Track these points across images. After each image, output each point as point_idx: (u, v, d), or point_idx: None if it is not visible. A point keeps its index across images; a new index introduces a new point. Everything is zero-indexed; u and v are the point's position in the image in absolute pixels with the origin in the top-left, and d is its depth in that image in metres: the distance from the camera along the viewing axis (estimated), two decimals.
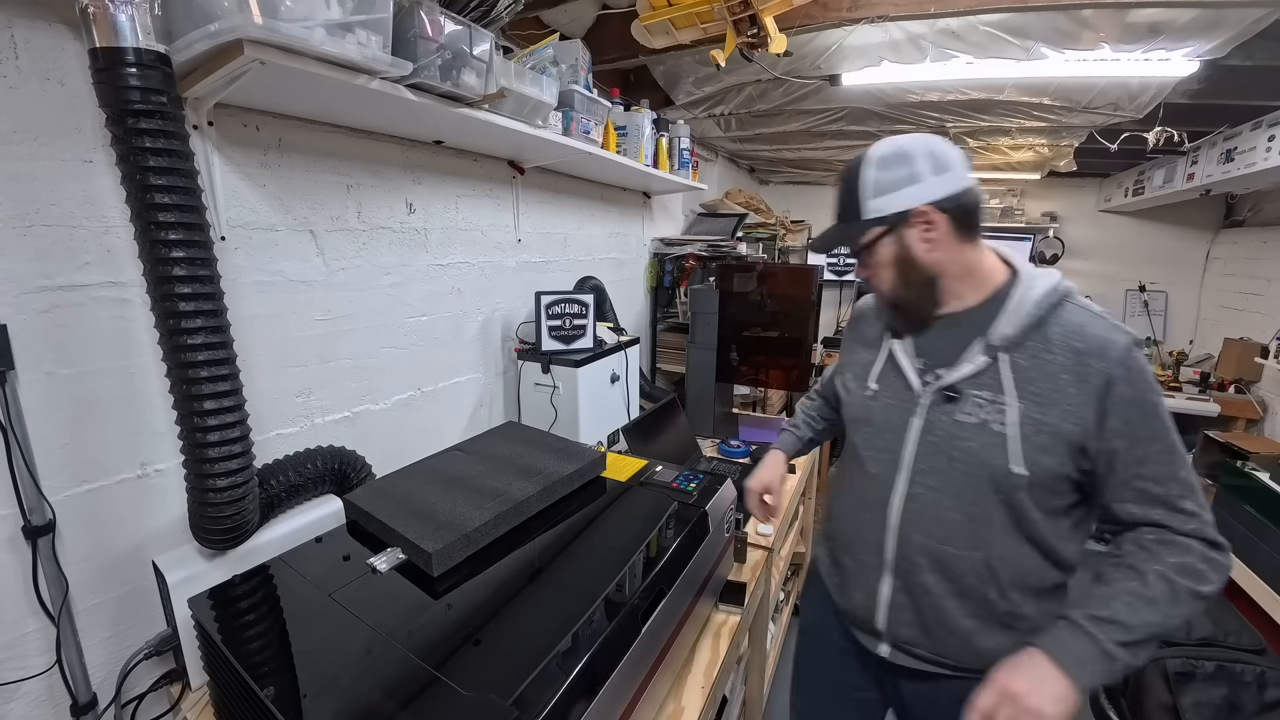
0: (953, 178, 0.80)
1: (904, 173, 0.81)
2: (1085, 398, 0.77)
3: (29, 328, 0.83)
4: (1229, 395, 3.02)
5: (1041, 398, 0.79)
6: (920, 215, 0.81)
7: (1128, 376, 0.76)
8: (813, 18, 1.62)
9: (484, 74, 1.12)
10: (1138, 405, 0.76)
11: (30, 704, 0.89)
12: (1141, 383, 0.76)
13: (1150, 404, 0.77)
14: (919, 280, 0.85)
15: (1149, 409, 0.76)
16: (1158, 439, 0.76)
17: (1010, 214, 4.09)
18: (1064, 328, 0.80)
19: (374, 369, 1.38)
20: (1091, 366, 0.77)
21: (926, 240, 0.82)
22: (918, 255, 0.83)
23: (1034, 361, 0.80)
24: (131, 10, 0.71)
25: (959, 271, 0.84)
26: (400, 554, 0.88)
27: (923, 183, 0.80)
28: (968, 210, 0.82)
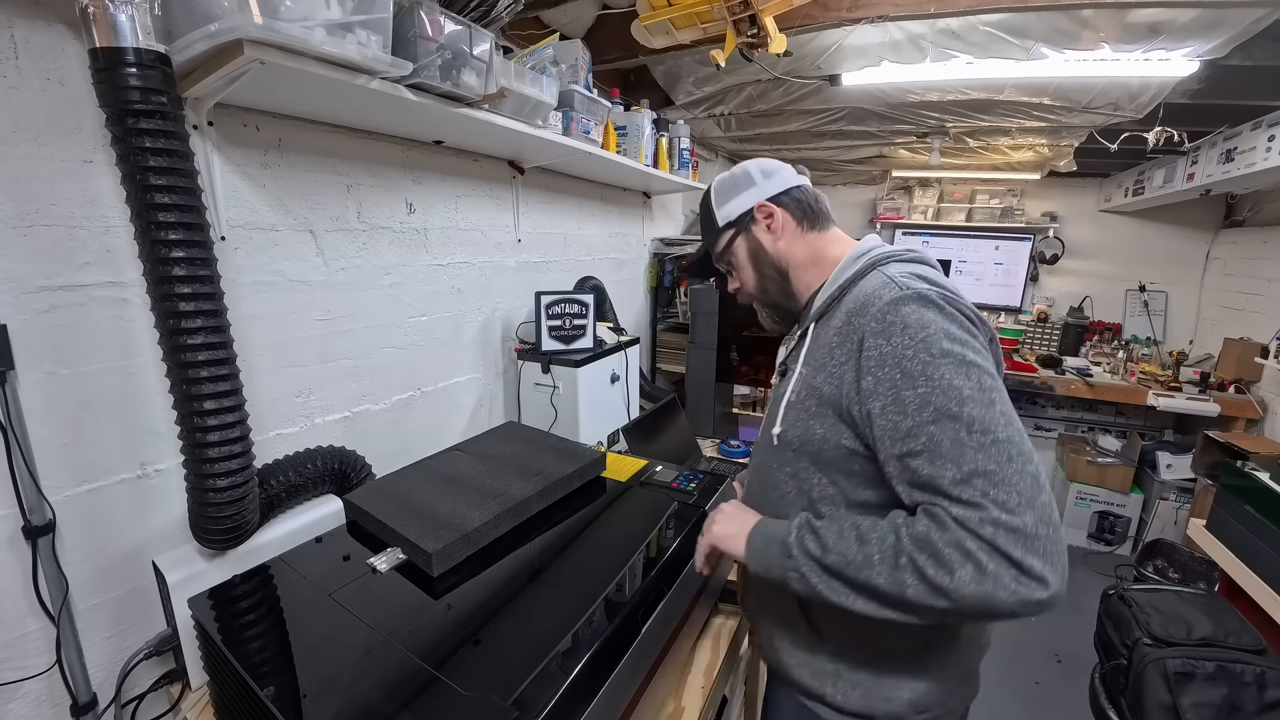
0: (780, 179, 0.90)
1: (741, 184, 0.92)
2: (845, 357, 0.73)
3: (29, 328, 0.83)
4: (1229, 395, 3.02)
5: (816, 362, 0.78)
6: (761, 209, 0.89)
7: (883, 330, 0.68)
8: (813, 18, 1.62)
9: (484, 74, 1.12)
10: (895, 363, 0.67)
11: (30, 704, 0.89)
12: (902, 338, 0.67)
13: (917, 362, 0.65)
14: (772, 272, 0.90)
15: (914, 369, 0.65)
16: (930, 406, 0.63)
17: (1010, 214, 4.09)
18: (854, 294, 0.77)
19: (374, 369, 1.38)
20: (853, 324, 0.72)
21: (771, 231, 0.89)
22: (767, 246, 0.90)
23: (824, 329, 0.80)
24: (131, 10, 0.71)
25: (806, 259, 0.88)
26: (400, 554, 0.88)
27: (756, 186, 0.91)
28: (801, 201, 0.89)
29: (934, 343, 0.66)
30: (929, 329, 0.67)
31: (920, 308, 0.68)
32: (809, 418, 0.77)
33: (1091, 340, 3.90)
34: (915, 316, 0.68)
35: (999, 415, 0.63)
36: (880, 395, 0.68)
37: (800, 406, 0.79)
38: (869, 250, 0.84)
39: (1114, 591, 1.87)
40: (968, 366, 0.65)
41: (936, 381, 0.64)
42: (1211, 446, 2.75)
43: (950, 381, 0.64)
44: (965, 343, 0.67)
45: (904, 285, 0.71)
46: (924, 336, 0.66)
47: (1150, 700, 1.56)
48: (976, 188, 4.22)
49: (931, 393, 0.64)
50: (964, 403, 0.63)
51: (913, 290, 0.70)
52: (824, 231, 0.90)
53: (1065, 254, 4.09)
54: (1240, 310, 3.33)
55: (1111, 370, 3.48)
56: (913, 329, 0.67)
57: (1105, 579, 2.90)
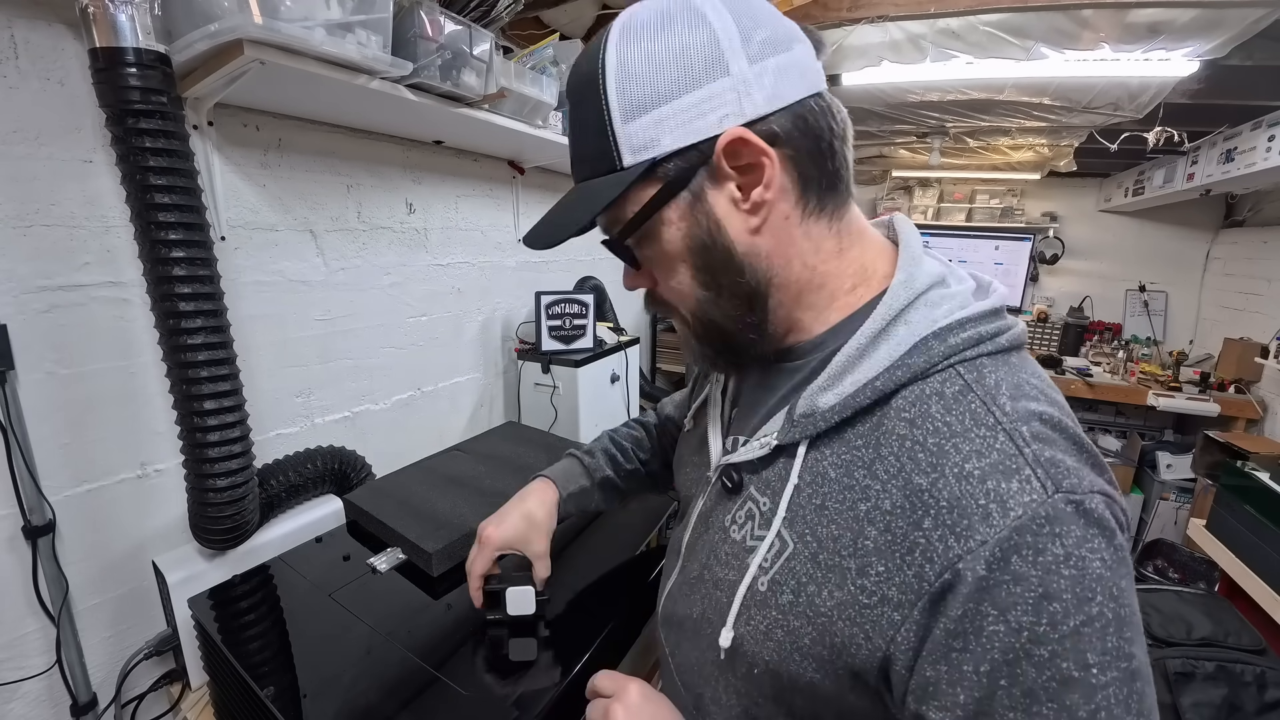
0: (793, 61, 0.41)
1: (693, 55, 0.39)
2: (899, 590, 0.37)
3: (29, 328, 0.83)
4: (1229, 395, 3.02)
5: (822, 548, 0.41)
6: (733, 152, 0.41)
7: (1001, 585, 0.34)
8: (812, 18, 1.62)
9: (484, 74, 1.12)
10: (1008, 662, 0.34)
11: (30, 704, 0.89)
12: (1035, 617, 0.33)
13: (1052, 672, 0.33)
14: (734, 290, 0.45)
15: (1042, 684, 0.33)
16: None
17: (1010, 214, 4.09)
18: (922, 431, 0.39)
19: (374, 369, 1.38)
20: (929, 536, 0.36)
21: (752, 206, 0.42)
22: (732, 236, 0.43)
23: (843, 475, 0.42)
24: (131, 10, 0.71)
25: (804, 279, 0.46)
26: (400, 554, 0.88)
27: (732, 74, 0.39)
28: (821, 142, 0.42)
29: (1095, 639, 0.33)
30: (1092, 603, 0.33)
31: (1084, 546, 0.34)
32: (794, 648, 0.42)
33: (1091, 340, 3.90)
34: (1072, 574, 0.33)
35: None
36: (956, 705, 0.35)
37: (779, 617, 0.43)
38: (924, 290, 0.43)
39: None
40: (1133, 681, 0.33)
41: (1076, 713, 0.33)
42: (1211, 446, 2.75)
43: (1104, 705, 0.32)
44: (1135, 617, 0.35)
45: (1049, 470, 0.35)
46: (1079, 625, 0.33)
47: None
48: (976, 188, 4.22)
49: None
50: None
51: (1072, 494, 0.35)
52: (839, 218, 0.46)
53: (1065, 254, 4.09)
54: (1240, 310, 3.33)
55: (1111, 370, 3.47)
56: (1063, 603, 0.33)
57: None
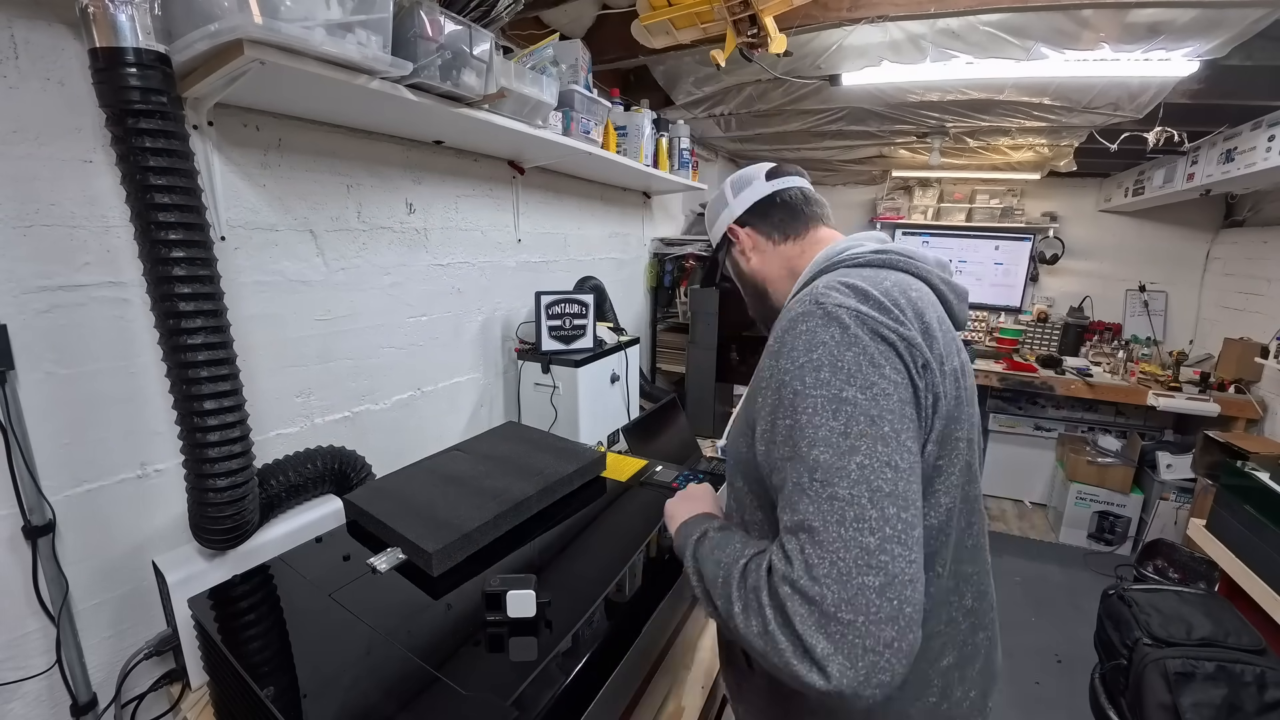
0: (750, 192, 0.86)
1: (718, 205, 0.90)
2: (757, 377, 0.67)
3: (29, 328, 0.83)
4: (1229, 395, 3.02)
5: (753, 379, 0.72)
6: (731, 233, 0.88)
7: (776, 348, 0.61)
8: (813, 18, 1.62)
9: (484, 74, 1.12)
10: (776, 387, 0.60)
11: (30, 704, 0.89)
12: (788, 359, 0.59)
13: (789, 390, 0.58)
14: (753, 290, 0.89)
15: (787, 397, 0.58)
16: (790, 441, 0.57)
17: (1010, 214, 4.09)
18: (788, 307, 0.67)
19: (374, 369, 1.38)
20: (770, 340, 0.66)
21: (742, 254, 0.87)
22: (743, 267, 0.89)
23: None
24: (131, 10, 0.71)
25: (781, 273, 0.84)
26: (400, 554, 0.88)
27: (729, 207, 0.88)
28: (772, 212, 0.85)
29: (812, 369, 0.57)
30: (814, 353, 0.58)
31: (818, 325, 0.59)
32: (738, 434, 0.72)
33: (1091, 340, 3.90)
34: (806, 337, 0.59)
35: (853, 468, 0.53)
36: (763, 419, 0.62)
37: (737, 421, 0.75)
38: (835, 254, 0.74)
39: (1114, 591, 1.87)
40: (839, 404, 0.55)
41: (799, 415, 0.57)
42: (1211, 446, 2.75)
43: (811, 418, 0.56)
44: (853, 375, 0.56)
45: (818, 298, 0.61)
46: (805, 361, 0.58)
47: (1150, 700, 1.56)
48: (976, 188, 4.22)
49: (794, 426, 0.57)
50: (815, 444, 0.55)
51: (820, 304, 0.60)
52: (802, 238, 0.83)
53: (1065, 254, 4.09)
54: (1240, 310, 3.33)
55: (1111, 370, 3.48)
56: (798, 351, 0.59)
57: (1105, 579, 2.90)
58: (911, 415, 0.58)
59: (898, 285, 0.65)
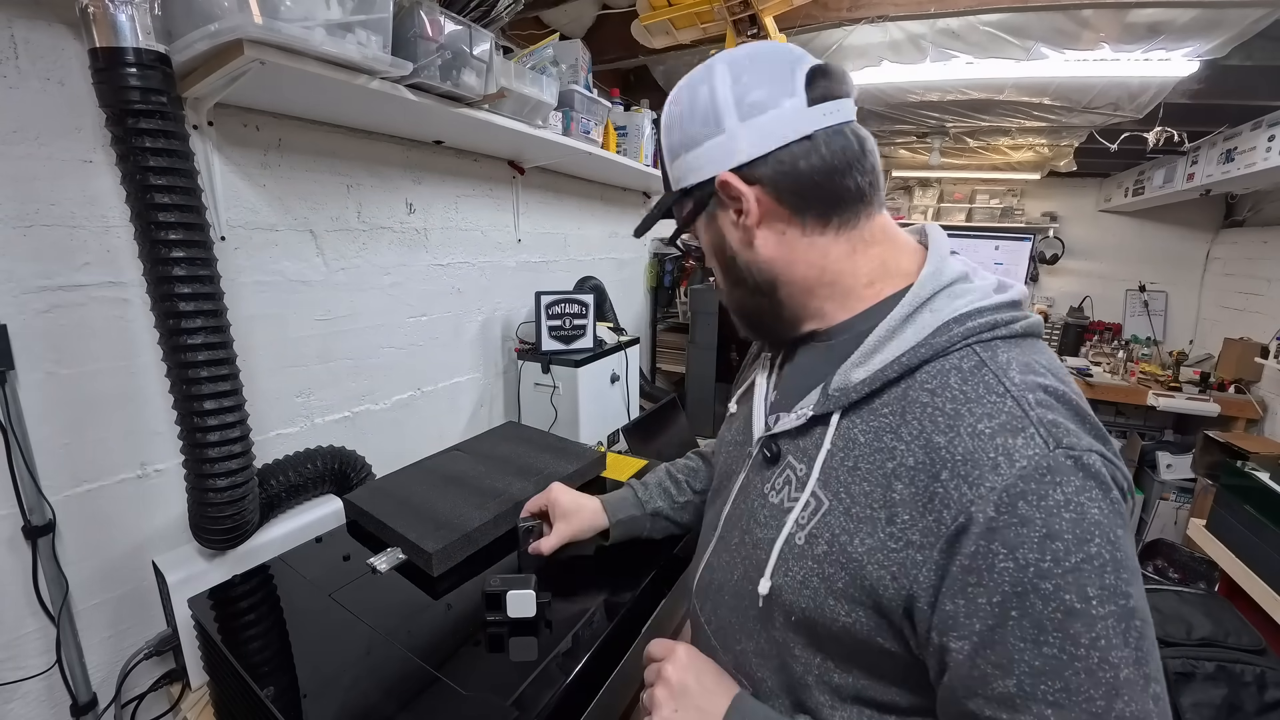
0: (775, 119, 0.49)
1: (703, 116, 0.52)
2: (917, 529, 0.44)
3: (29, 328, 0.83)
4: (1229, 395, 3.02)
5: (854, 503, 0.48)
6: (723, 188, 0.52)
7: (1012, 525, 0.39)
8: (813, 18, 1.62)
9: (484, 74, 1.12)
10: (1017, 594, 0.39)
11: (30, 704, 0.89)
12: (1041, 553, 0.39)
13: (1057, 605, 0.39)
14: (753, 284, 0.57)
15: (1048, 615, 0.39)
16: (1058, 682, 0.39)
17: (1010, 214, 4.09)
18: (941, 399, 0.45)
19: (374, 369, 1.38)
20: (946, 487, 0.42)
21: (738, 225, 0.54)
22: (734, 246, 0.56)
23: (872, 439, 0.48)
24: (131, 10, 0.71)
25: (813, 279, 0.54)
26: (400, 554, 0.88)
27: (724, 134, 0.51)
28: (808, 175, 0.50)
29: (1094, 575, 0.38)
30: (1091, 545, 0.39)
31: (1084, 495, 0.39)
32: (830, 594, 0.48)
33: (1091, 340, 3.90)
34: (1072, 516, 0.39)
35: (1151, 705, 0.38)
36: (972, 634, 0.41)
37: (814, 565, 0.49)
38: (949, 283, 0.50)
39: None
40: (1131, 618, 0.38)
41: (1083, 649, 0.38)
42: (1211, 446, 2.75)
43: (1104, 657, 0.38)
44: (1131, 563, 0.40)
45: (1051, 431, 0.41)
46: (1079, 562, 0.38)
47: None
48: (976, 188, 4.22)
49: (1068, 663, 0.38)
50: (1114, 693, 0.38)
51: (1072, 451, 0.40)
52: (853, 228, 0.53)
53: (1065, 254, 4.09)
54: (1240, 310, 3.33)
55: (1111, 370, 3.48)
56: (1064, 542, 0.39)
57: None
58: None
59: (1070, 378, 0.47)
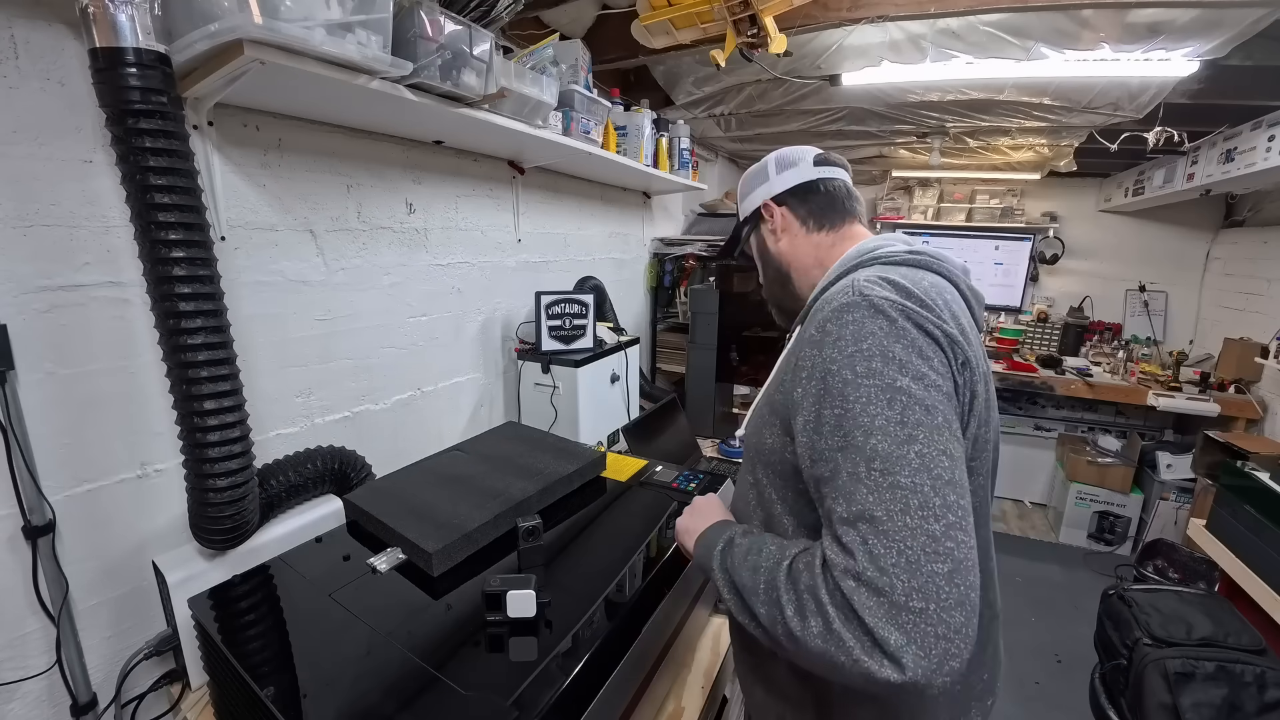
0: (794, 173, 0.86)
1: (757, 177, 0.90)
2: (792, 365, 0.65)
3: (29, 328, 0.83)
4: (1229, 395, 3.02)
5: (777, 371, 0.74)
6: (765, 209, 0.88)
7: (820, 338, 0.61)
8: (813, 18, 1.62)
9: (484, 74, 1.12)
10: (821, 376, 0.59)
11: (30, 704, 0.89)
12: (834, 349, 0.59)
13: (838, 379, 0.57)
14: (774, 272, 0.89)
15: (835, 385, 0.57)
16: (840, 430, 0.56)
17: (1010, 214, 4.09)
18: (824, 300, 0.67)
19: (374, 369, 1.38)
20: (805, 334, 0.65)
21: (772, 233, 0.88)
22: (769, 247, 0.89)
23: (794, 337, 0.73)
24: (131, 10, 0.71)
25: (809, 261, 0.84)
26: (400, 554, 0.88)
27: (767, 182, 0.88)
28: (812, 199, 0.85)
29: (863, 359, 0.57)
30: (864, 343, 0.58)
31: (865, 316, 0.59)
32: (762, 424, 0.72)
33: (1091, 340, 3.90)
34: (854, 327, 0.59)
35: (913, 456, 0.53)
36: (804, 409, 0.61)
37: (759, 412, 0.75)
38: (868, 250, 0.75)
39: (1114, 591, 1.87)
40: (894, 393, 0.55)
41: (851, 404, 0.56)
42: (1211, 446, 2.75)
43: (865, 407, 0.55)
44: (905, 365, 0.56)
45: (860, 290, 0.61)
46: (854, 350, 0.58)
47: (1150, 700, 1.56)
48: (976, 188, 4.22)
49: (845, 415, 0.56)
50: (871, 433, 0.54)
51: (865, 296, 0.60)
52: (836, 230, 0.84)
53: (1065, 254, 4.09)
54: (1240, 310, 3.33)
55: (1111, 370, 3.48)
56: (846, 340, 0.58)
57: (1105, 579, 2.90)
58: (956, 409, 0.59)
59: (934, 286, 0.66)
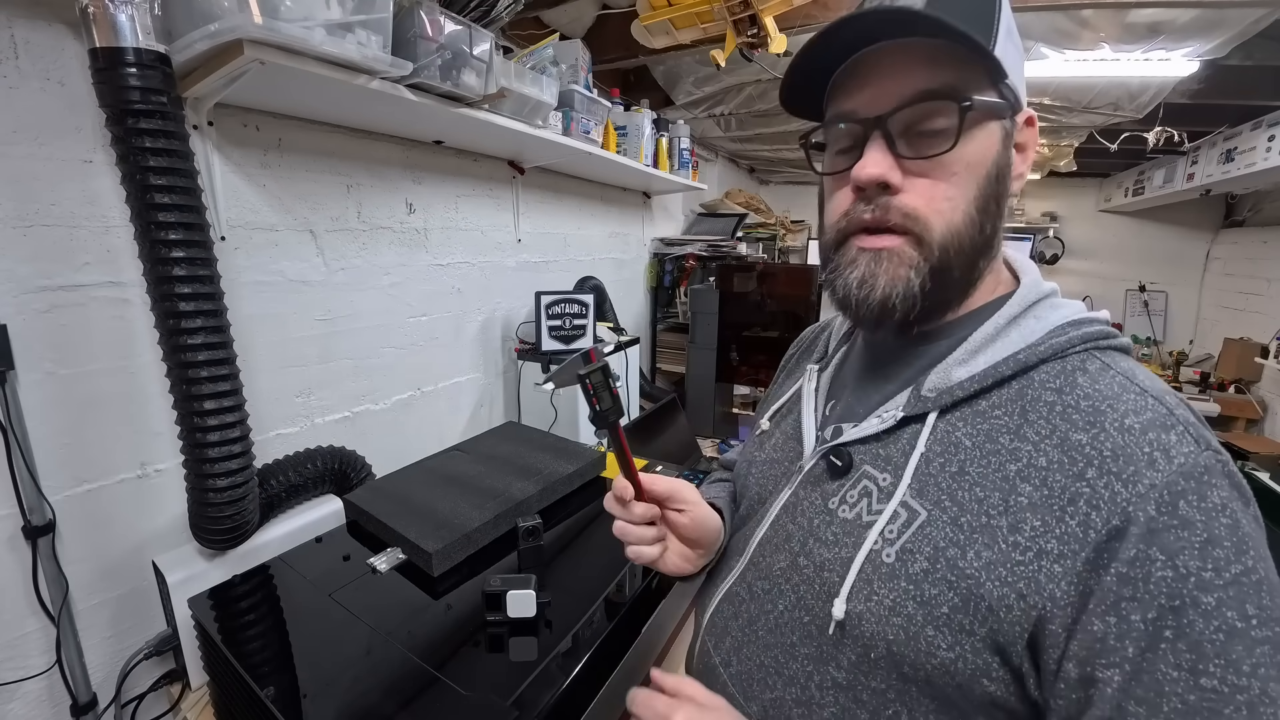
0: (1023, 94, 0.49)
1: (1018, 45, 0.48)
2: (1059, 541, 0.38)
3: (29, 328, 0.83)
4: (1229, 395, 3.03)
5: (966, 512, 0.42)
6: (1030, 121, 0.49)
7: (1164, 534, 0.35)
8: (813, 18, 1.61)
9: (484, 74, 1.12)
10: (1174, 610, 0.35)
11: (30, 704, 0.89)
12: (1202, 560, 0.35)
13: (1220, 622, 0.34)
14: (991, 227, 0.47)
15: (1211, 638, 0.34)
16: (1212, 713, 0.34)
17: (1010, 214, 4.09)
18: (1071, 396, 0.42)
19: (374, 369, 1.38)
20: (1094, 485, 0.38)
21: (1017, 174, 0.49)
22: (1004, 165, 0.47)
23: (981, 440, 0.44)
24: (131, 10, 0.71)
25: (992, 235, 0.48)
26: (400, 554, 0.88)
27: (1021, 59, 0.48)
28: None
29: (1252, 588, 0.34)
30: (1247, 555, 0.35)
31: (1233, 501, 0.36)
32: (927, 620, 0.41)
33: None
34: (1229, 520, 0.35)
35: None
36: (1125, 660, 0.35)
37: (909, 588, 0.43)
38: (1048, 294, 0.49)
39: None
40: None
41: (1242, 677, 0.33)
42: None
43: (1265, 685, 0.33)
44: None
45: (1198, 433, 0.39)
46: (1240, 573, 0.34)
47: None
48: None
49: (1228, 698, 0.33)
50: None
51: (1219, 455, 0.38)
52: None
53: (1065, 254, 4.09)
54: (1240, 310, 3.33)
55: None
56: (1225, 550, 0.35)
57: None
58: None
59: None
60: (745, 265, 2.45)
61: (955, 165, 0.44)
